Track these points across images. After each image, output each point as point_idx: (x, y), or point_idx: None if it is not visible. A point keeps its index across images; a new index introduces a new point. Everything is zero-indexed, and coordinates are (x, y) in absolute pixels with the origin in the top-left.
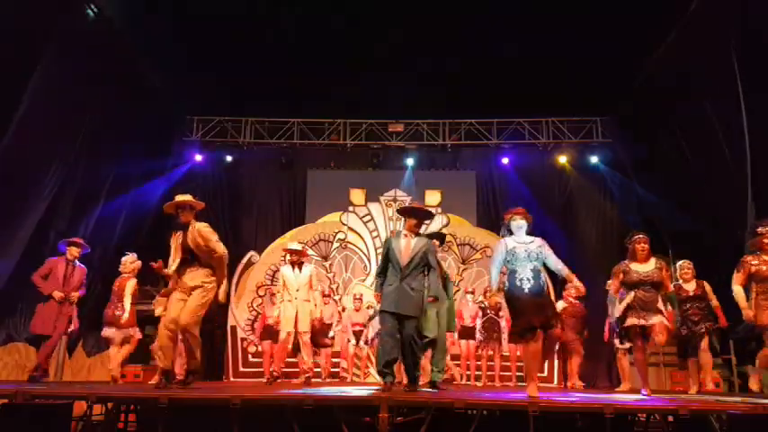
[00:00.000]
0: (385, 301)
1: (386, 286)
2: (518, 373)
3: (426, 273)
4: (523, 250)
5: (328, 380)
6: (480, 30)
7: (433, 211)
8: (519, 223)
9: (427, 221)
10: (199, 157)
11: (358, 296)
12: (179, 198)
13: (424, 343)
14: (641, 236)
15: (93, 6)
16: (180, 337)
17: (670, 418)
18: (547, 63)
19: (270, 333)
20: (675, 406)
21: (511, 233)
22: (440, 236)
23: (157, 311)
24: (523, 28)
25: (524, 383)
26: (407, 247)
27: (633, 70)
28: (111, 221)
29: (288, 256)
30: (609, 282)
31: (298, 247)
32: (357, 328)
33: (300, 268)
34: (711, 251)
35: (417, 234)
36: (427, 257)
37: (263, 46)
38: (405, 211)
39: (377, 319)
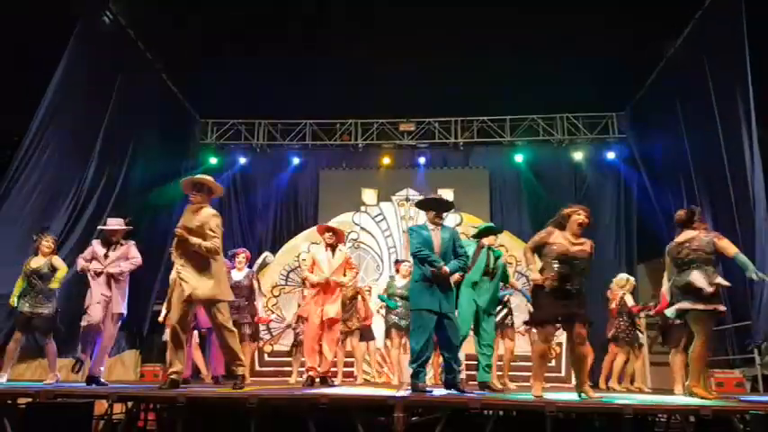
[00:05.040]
0: (422, 298)
1: (420, 282)
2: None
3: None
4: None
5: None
6: (492, 25)
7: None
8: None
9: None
10: (213, 160)
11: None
12: (198, 177)
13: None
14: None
15: (108, 13)
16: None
17: (691, 419)
18: (561, 58)
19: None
20: (697, 406)
21: (563, 228)
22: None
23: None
24: (537, 22)
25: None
26: (437, 241)
27: (649, 65)
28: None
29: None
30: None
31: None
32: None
33: (334, 252)
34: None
35: (441, 226)
36: (455, 248)
37: (275, 48)
38: (424, 204)
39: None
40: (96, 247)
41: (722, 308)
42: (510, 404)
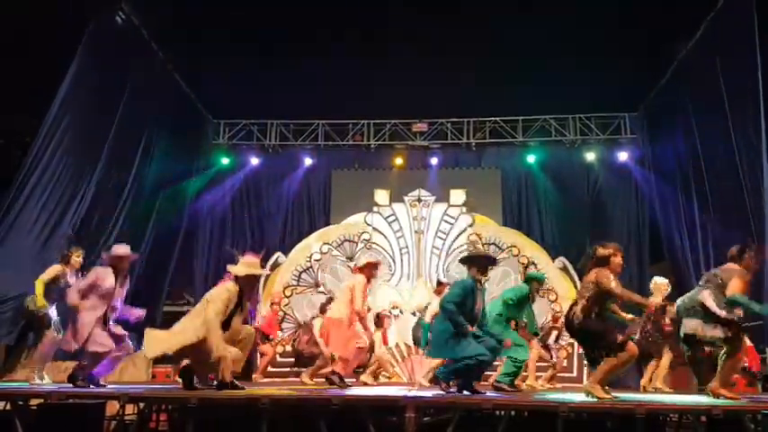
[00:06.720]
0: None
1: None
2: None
3: None
4: None
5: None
6: (505, 26)
7: (460, 210)
8: None
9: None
10: (226, 161)
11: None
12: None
13: None
14: None
15: (120, 13)
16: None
17: (703, 419)
18: (573, 59)
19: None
20: (708, 406)
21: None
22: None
23: None
24: (550, 23)
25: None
26: (479, 299)
27: (662, 66)
28: (142, 226)
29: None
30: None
31: (372, 259)
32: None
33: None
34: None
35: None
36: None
37: (287, 49)
38: (478, 261)
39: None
40: (111, 276)
41: (721, 335)
42: (522, 405)
